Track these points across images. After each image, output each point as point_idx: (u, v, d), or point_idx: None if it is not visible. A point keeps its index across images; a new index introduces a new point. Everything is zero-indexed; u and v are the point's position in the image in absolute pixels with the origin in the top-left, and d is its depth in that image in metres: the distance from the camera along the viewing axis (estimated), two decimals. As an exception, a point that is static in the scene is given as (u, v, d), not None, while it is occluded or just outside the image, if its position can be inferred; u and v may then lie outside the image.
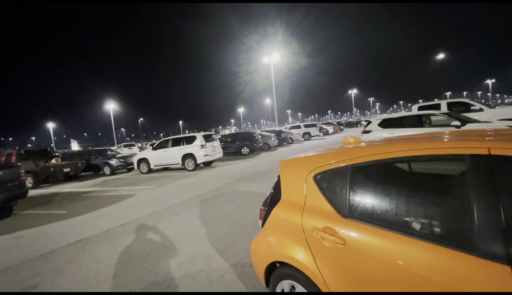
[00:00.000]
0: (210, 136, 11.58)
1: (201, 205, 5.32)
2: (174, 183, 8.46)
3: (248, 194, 5.85)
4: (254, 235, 3.49)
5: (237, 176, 8.42)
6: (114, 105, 40.40)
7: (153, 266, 2.97)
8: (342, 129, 35.24)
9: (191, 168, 10.71)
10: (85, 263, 3.26)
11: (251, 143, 15.20)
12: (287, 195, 1.76)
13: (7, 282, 2.98)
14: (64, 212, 6.05)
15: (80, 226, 4.86)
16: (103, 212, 5.70)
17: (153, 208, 5.48)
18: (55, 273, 3.07)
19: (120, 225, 4.57)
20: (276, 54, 27.03)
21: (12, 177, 5.81)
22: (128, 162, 12.89)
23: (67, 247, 3.83)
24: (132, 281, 2.70)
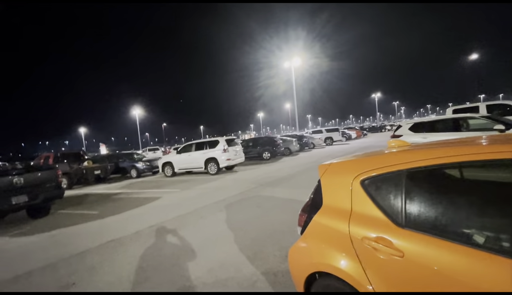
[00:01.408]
0: (232, 141, 11.66)
1: (226, 209, 5.30)
2: (197, 186, 8.56)
3: (273, 199, 5.76)
4: (283, 242, 3.39)
5: (260, 180, 8.35)
6: (140, 111, 42.22)
7: (183, 270, 2.96)
8: (366, 134, 34.11)
9: (213, 171, 10.81)
10: (118, 264, 3.33)
11: (272, 148, 15.11)
12: (330, 200, 1.66)
13: (47, 280, 3.10)
14: (95, 212, 6.31)
15: (111, 226, 5.03)
16: (131, 214, 5.86)
17: (179, 211, 5.55)
18: (90, 272, 3.16)
19: (148, 227, 4.66)
20: (297, 58, 26.89)
21: (50, 178, 6.17)
22: (153, 165, 13.30)
23: (100, 247, 3.95)
24: (164, 284, 2.71)
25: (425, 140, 6.56)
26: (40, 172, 6.03)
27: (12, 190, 5.41)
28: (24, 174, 5.70)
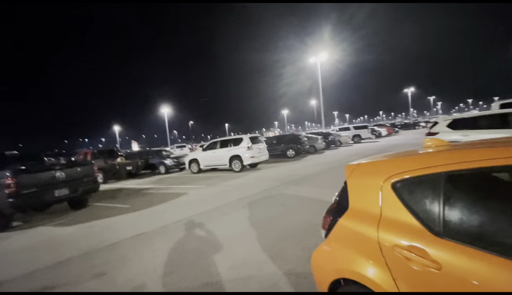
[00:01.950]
0: (256, 139, 11.67)
1: (249, 207, 5.31)
2: (222, 183, 8.70)
3: (296, 198, 5.65)
4: (306, 242, 3.30)
5: (284, 178, 8.26)
6: (168, 110, 43.96)
7: (205, 266, 3.01)
8: (397, 131, 32.20)
9: (237, 169, 10.91)
10: (145, 256, 3.48)
11: (297, 145, 14.87)
12: (357, 203, 1.55)
13: (83, 267, 3.33)
14: (127, 206, 6.67)
15: (141, 220, 5.28)
16: (159, 208, 6.11)
17: (203, 207, 5.67)
18: (121, 263, 3.33)
19: (174, 222, 4.82)
20: (323, 53, 26.12)
21: (88, 173, 6.64)
22: (180, 162, 13.76)
23: (130, 239, 4.17)
24: (188, 278, 2.77)
25: (466, 138, 6.00)
26: (79, 167, 6.52)
27: (55, 184, 5.90)
28: (65, 169, 6.20)
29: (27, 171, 5.63)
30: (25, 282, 3.08)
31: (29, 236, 5.01)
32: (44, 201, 5.82)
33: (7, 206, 5.24)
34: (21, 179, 5.38)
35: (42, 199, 5.70)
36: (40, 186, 5.63)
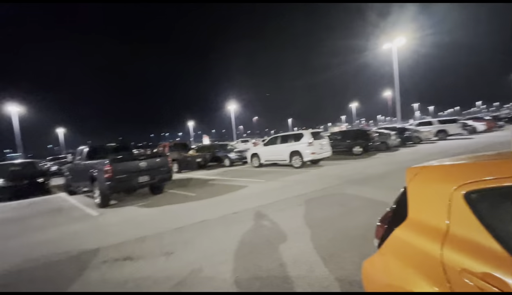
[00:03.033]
0: (318, 134, 11.22)
1: (306, 204, 5.17)
2: (281, 178, 8.72)
3: (358, 199, 5.21)
4: (364, 249, 3.01)
5: (347, 177, 7.72)
6: (234, 106, 46.49)
7: (257, 259, 3.07)
8: (502, 126, 26.01)
9: (298, 165, 10.75)
10: (205, 242, 3.78)
11: (364, 142, 13.65)
12: (417, 214, 1.32)
13: (155, 245, 3.86)
14: (194, 194, 7.39)
15: (204, 208, 5.77)
16: (221, 199, 6.55)
17: (261, 201, 5.80)
18: (184, 245, 3.72)
19: (233, 213, 5.08)
20: (401, 37, 23.07)
21: (164, 164, 7.63)
22: (243, 156, 14.41)
23: (193, 225, 4.61)
24: (239, 269, 2.88)
25: None
26: (157, 158, 7.55)
27: (139, 171, 7.00)
28: (147, 159, 7.27)
29: (120, 160, 6.83)
30: (114, 251, 3.75)
31: (119, 213, 6.10)
32: (131, 186, 6.97)
33: (106, 187, 6.49)
34: (116, 166, 6.56)
35: (130, 184, 6.84)
36: (128, 173, 6.77)
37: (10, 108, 29.00)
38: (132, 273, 3.04)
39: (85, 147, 8.44)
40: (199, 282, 2.71)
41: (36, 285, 2.99)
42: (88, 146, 8.44)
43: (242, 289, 2.52)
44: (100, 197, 6.75)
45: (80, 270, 3.20)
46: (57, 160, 23.43)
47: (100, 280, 2.96)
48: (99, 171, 6.62)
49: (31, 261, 3.66)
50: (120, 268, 3.19)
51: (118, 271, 3.12)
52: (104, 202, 6.75)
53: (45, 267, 3.42)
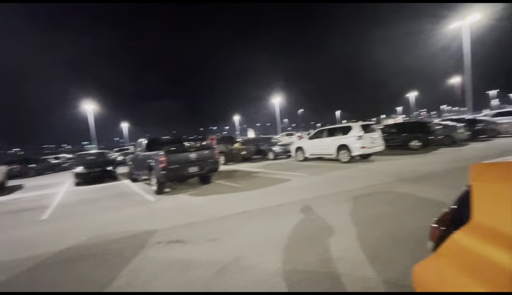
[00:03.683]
0: (369, 127, 10.46)
1: (353, 201, 4.90)
2: (326, 173, 8.42)
3: (412, 199, 4.73)
4: (419, 252, 2.74)
5: (400, 174, 7.06)
6: (279, 99, 46.24)
7: (298, 253, 3.05)
8: None
9: (345, 159, 10.22)
10: (247, 232, 3.90)
11: (423, 135, 12.24)
12: (484, 217, 1.14)
13: (201, 231, 4.12)
14: (239, 185, 7.65)
15: (248, 199, 5.94)
16: (265, 191, 6.65)
17: (304, 195, 5.71)
18: (227, 233, 3.90)
19: (276, 205, 5.12)
20: (475, 14, 19.78)
21: (211, 156, 8.06)
22: (287, 149, 14.31)
23: (237, 215, 4.78)
24: (280, 260, 2.91)
25: None
26: (205, 150, 8.00)
27: (189, 162, 7.52)
28: (196, 151, 7.76)
29: (173, 151, 7.44)
30: (167, 233, 4.14)
31: (172, 200, 6.68)
32: (182, 175, 7.54)
33: (161, 176, 7.16)
34: (170, 157, 7.17)
35: (181, 173, 7.41)
36: (180, 163, 7.33)
37: (86, 106, 33.99)
38: (181, 254, 3.32)
39: (144, 139, 9.42)
40: (241, 269, 2.82)
41: (108, 256, 3.48)
42: (146, 139, 9.40)
43: (281, 279, 2.53)
44: (156, 185, 7.48)
45: (140, 247, 3.63)
46: (122, 151, 26.62)
47: (155, 258, 3.30)
48: (155, 161, 7.33)
49: (102, 236, 4.27)
50: (171, 249, 3.51)
51: (169, 252, 3.44)
52: (159, 189, 7.46)
53: (115, 241, 3.96)
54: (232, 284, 2.55)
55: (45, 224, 5.52)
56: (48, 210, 6.72)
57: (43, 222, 5.68)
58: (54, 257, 3.60)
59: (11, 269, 3.27)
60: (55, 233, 4.76)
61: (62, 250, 3.80)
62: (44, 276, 3.09)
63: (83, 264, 3.30)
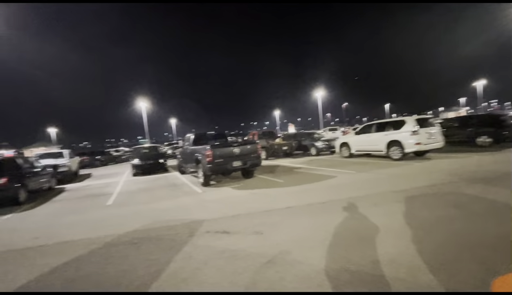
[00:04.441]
0: (426, 121, 9.47)
1: (407, 202, 4.51)
2: (375, 171, 7.90)
3: (481, 201, 4.16)
4: (492, 263, 2.41)
5: (465, 173, 6.25)
6: (322, 93, 44.62)
7: (347, 252, 2.93)
8: None
9: (397, 156, 9.43)
10: (291, 227, 3.88)
11: (495, 130, 10.62)
12: None
13: (247, 224, 4.23)
14: (281, 181, 7.64)
15: (291, 195, 5.90)
16: (308, 187, 6.52)
17: (351, 193, 5.45)
18: (272, 228, 3.93)
19: (320, 203, 4.99)
20: None
21: (254, 150, 8.19)
22: (331, 145, 13.78)
23: (281, 210, 4.79)
24: (325, 260, 2.82)
25: None
26: (248, 145, 8.16)
27: (233, 157, 7.76)
28: (239, 146, 7.97)
29: (218, 145, 7.76)
30: (214, 223, 4.35)
31: (218, 192, 6.99)
32: (227, 169, 7.82)
33: (207, 169, 7.53)
34: (215, 151, 7.49)
35: (226, 167, 7.69)
36: (225, 157, 7.61)
37: (141, 104, 37.40)
38: (228, 244, 3.46)
39: (191, 135, 10.00)
40: (288, 263, 2.82)
41: (164, 241, 3.81)
42: (193, 134, 9.96)
43: (331, 278, 2.46)
44: (203, 177, 7.90)
45: (190, 236, 3.88)
46: (171, 145, 28.73)
47: (205, 246, 3.50)
48: (202, 155, 7.73)
49: (158, 223, 4.68)
50: (219, 239, 3.68)
51: (217, 241, 3.61)
52: (206, 181, 7.87)
53: (167, 229, 4.31)
54: (279, 278, 2.56)
55: (111, 208, 6.27)
56: (112, 197, 7.62)
57: (109, 206, 6.46)
58: (121, 237, 4.07)
59: (89, 245, 3.80)
60: (119, 217, 5.38)
61: (127, 232, 4.28)
62: (116, 253, 3.51)
63: (145, 246, 3.67)
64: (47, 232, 4.85)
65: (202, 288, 2.52)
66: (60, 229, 4.97)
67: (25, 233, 4.95)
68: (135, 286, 2.63)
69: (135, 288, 2.59)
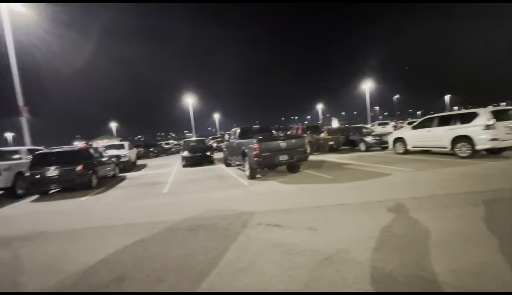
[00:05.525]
0: (504, 113, 8.11)
1: (486, 206, 3.91)
2: (438, 169, 7.06)
3: None
4: None
5: (562, 176, 5.18)
6: (370, 85, 41.62)
7: (417, 256, 2.64)
8: None
9: (464, 154, 8.30)
10: (349, 225, 3.67)
11: None
12: None
13: (299, 218, 4.13)
14: (330, 177, 7.32)
15: (343, 191, 5.61)
16: (360, 184, 6.13)
17: (411, 192, 4.95)
18: (326, 224, 3.76)
19: (378, 201, 4.62)
20: None
21: (301, 145, 7.99)
22: (383, 140, 12.78)
23: (334, 206, 4.57)
24: (393, 262, 2.58)
25: None
26: (294, 139, 7.99)
27: (279, 150, 7.68)
28: (285, 140, 7.85)
29: (264, 139, 7.75)
30: (265, 216, 4.34)
31: (264, 185, 7.00)
32: (273, 163, 7.78)
33: (254, 162, 7.60)
34: (262, 145, 7.50)
35: (272, 161, 7.66)
36: (271, 151, 7.58)
37: (188, 100, 39.59)
38: (282, 238, 3.42)
39: (237, 128, 10.20)
40: (348, 263, 2.66)
41: (218, 229, 3.94)
42: (239, 127, 10.14)
43: (401, 283, 2.24)
44: (249, 170, 8.01)
45: (243, 226, 3.94)
46: (215, 138, 29.89)
47: (258, 238, 3.51)
48: (249, 148, 7.82)
49: (210, 212, 4.88)
50: (271, 232, 3.66)
51: (270, 234, 3.59)
52: (252, 174, 7.96)
53: (221, 218, 4.46)
54: (340, 278, 2.43)
55: (166, 196, 6.76)
56: (167, 186, 8.21)
57: (165, 194, 6.97)
58: (179, 223, 4.34)
59: (151, 229, 4.13)
60: (175, 205, 5.75)
61: (184, 219, 4.55)
62: (176, 237, 3.75)
63: (201, 233, 3.84)
64: (116, 213, 5.44)
65: (260, 280, 2.52)
66: (126, 212, 5.52)
67: (98, 213, 5.63)
68: (197, 270, 2.76)
69: (197, 273, 2.71)
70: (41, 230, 4.70)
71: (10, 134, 64.66)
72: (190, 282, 2.56)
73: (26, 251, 3.80)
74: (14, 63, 12.79)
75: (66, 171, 7.94)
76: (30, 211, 6.60)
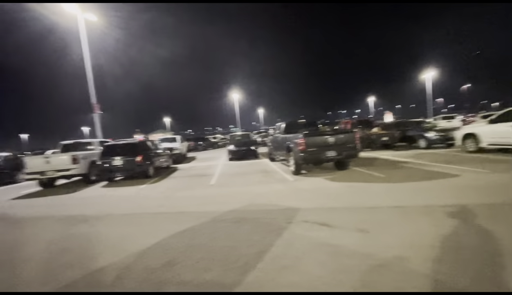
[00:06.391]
0: None
1: None
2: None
3: None
4: None
5: None
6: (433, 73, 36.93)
7: (494, 274, 2.22)
8: None
9: (561, 154, 6.76)
10: (405, 231, 3.29)
11: None
12: None
13: (347, 218, 3.87)
14: (383, 175, 6.72)
15: (398, 192, 5.08)
16: (421, 185, 5.47)
17: (484, 197, 4.23)
18: (379, 227, 3.43)
19: (441, 206, 4.05)
20: None
21: (350, 140, 7.50)
22: (447, 137, 11.23)
23: (388, 208, 4.16)
24: (464, 279, 2.22)
25: None
26: (343, 134, 7.54)
27: (327, 146, 7.33)
28: (333, 135, 7.45)
29: (310, 134, 7.48)
30: (311, 214, 4.17)
31: (310, 182, 6.78)
32: (319, 159, 7.48)
33: (299, 158, 7.41)
34: (308, 140, 7.26)
35: (318, 157, 7.37)
36: (318, 147, 7.28)
37: (233, 95, 40.76)
38: (329, 238, 3.23)
39: (282, 123, 10.07)
40: (406, 272, 2.38)
41: (262, 223, 3.95)
42: (285, 122, 9.99)
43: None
44: (294, 166, 7.85)
45: (287, 222, 3.86)
46: (260, 133, 30.21)
47: (303, 235, 3.39)
48: (294, 143, 7.65)
49: (255, 205, 4.91)
50: (318, 231, 3.50)
51: (317, 233, 3.43)
52: (297, 170, 7.79)
53: (265, 212, 4.46)
54: (394, 287, 2.18)
55: (214, 188, 7.06)
56: (214, 178, 8.57)
57: (212, 186, 7.29)
58: (225, 215, 4.47)
59: (199, 218, 4.34)
60: (222, 196, 5.96)
61: (230, 211, 4.67)
62: (221, 228, 3.87)
63: (246, 226, 3.89)
64: (168, 202, 5.88)
65: (304, 280, 2.42)
66: (178, 201, 5.93)
67: (153, 200, 6.17)
68: (241, 263, 2.78)
69: (241, 265, 2.74)
70: (108, 212, 5.36)
71: (86, 128, 75.59)
72: (235, 274, 2.59)
73: (98, 229, 4.36)
74: (89, 67, 14.79)
75: (128, 161, 8.92)
76: (100, 194, 7.59)
